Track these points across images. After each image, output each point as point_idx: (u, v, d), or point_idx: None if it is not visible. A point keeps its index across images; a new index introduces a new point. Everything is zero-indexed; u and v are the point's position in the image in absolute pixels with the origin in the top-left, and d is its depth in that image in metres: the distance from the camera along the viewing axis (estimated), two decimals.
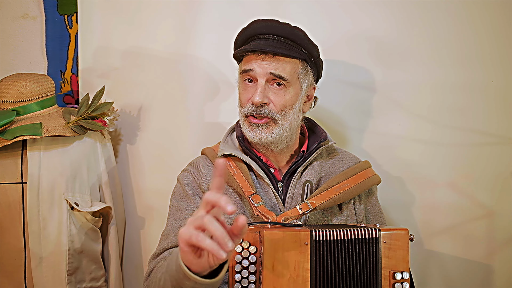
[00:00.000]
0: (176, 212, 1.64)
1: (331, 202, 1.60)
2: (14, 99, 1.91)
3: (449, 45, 1.95)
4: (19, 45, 2.25)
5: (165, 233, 1.63)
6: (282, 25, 1.61)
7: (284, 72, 1.57)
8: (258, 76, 1.57)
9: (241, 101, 1.63)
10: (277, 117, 1.59)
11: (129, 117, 2.18)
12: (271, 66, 1.56)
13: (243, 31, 1.67)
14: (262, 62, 1.57)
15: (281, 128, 1.59)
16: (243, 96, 1.62)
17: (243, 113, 1.62)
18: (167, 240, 1.59)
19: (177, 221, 1.61)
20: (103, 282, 2.04)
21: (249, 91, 1.60)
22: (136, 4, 2.15)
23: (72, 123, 1.94)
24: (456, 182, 1.97)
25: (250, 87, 1.61)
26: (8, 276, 1.88)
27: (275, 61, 1.57)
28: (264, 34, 1.61)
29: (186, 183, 1.66)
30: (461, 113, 1.95)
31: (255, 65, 1.57)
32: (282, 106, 1.59)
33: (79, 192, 1.95)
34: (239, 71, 1.65)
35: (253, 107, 1.58)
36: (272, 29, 1.60)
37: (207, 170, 1.67)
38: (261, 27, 1.62)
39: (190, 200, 1.64)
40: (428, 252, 2.00)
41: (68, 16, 2.22)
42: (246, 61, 1.61)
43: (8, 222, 1.88)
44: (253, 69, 1.57)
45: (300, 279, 1.37)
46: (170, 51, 2.13)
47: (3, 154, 1.90)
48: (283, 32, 1.60)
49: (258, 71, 1.57)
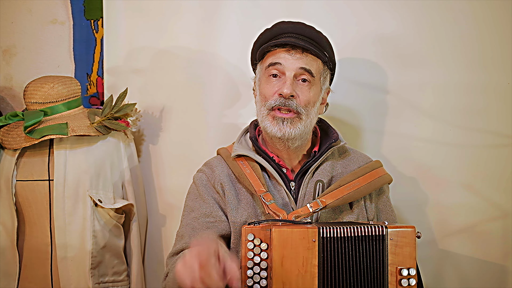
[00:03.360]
0: (190, 212, 1.70)
1: (341, 200, 1.63)
2: (42, 100, 2.00)
3: (466, 47, 1.96)
4: (48, 49, 2.33)
5: (180, 233, 1.69)
6: (308, 27, 1.67)
7: (313, 68, 1.62)
8: (286, 70, 1.61)
9: (266, 95, 1.64)
10: (302, 112, 1.62)
11: (152, 118, 2.25)
12: (301, 61, 1.61)
13: (267, 31, 1.71)
14: (291, 56, 1.61)
15: (303, 124, 1.63)
16: (268, 90, 1.64)
17: (268, 106, 1.63)
18: (182, 241, 1.65)
19: (191, 221, 1.67)
20: (125, 276, 2.11)
21: (275, 85, 1.63)
22: (158, 9, 2.21)
23: (97, 123, 2.02)
24: (471, 183, 1.98)
25: (275, 81, 1.64)
26: (35, 269, 1.97)
27: (304, 57, 1.62)
28: (292, 34, 1.65)
29: (200, 183, 1.72)
30: (476, 114, 1.97)
31: (283, 59, 1.61)
32: (307, 101, 1.62)
33: (102, 190, 2.02)
34: (264, 66, 1.67)
35: (281, 99, 1.61)
36: (299, 30, 1.66)
37: (220, 170, 1.72)
38: (288, 27, 1.67)
39: (203, 201, 1.69)
40: (443, 252, 2.01)
41: (94, 21, 2.30)
42: (273, 55, 1.64)
43: (35, 217, 1.97)
44: (281, 63, 1.61)
45: (308, 275, 1.42)
46: (191, 54, 2.19)
47: (32, 153, 1.99)
48: (309, 34, 1.65)
49: (287, 65, 1.61)
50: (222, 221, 1.66)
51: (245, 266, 1.46)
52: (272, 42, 1.64)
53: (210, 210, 1.67)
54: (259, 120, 1.69)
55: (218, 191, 1.69)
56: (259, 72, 1.71)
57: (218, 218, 1.66)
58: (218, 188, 1.69)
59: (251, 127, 1.78)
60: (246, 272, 1.46)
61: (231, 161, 1.72)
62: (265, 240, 1.46)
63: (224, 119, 2.17)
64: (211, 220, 1.66)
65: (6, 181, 1.96)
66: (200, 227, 1.64)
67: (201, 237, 1.46)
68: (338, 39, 1.96)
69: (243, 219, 1.63)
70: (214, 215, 1.66)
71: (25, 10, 2.32)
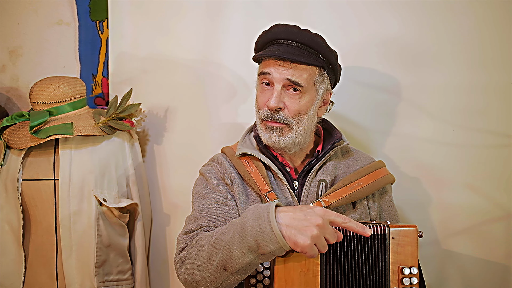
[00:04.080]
0: (201, 199, 1.67)
1: (344, 200, 1.64)
2: (48, 100, 2.02)
3: (468, 47, 1.96)
4: (54, 50, 2.35)
5: (192, 216, 1.64)
6: (302, 31, 1.64)
7: (301, 79, 1.60)
8: (275, 81, 1.61)
9: (258, 104, 1.67)
10: (291, 123, 1.62)
11: (156, 118, 2.27)
12: (288, 72, 1.59)
13: (264, 34, 1.70)
14: (280, 67, 1.60)
15: (294, 134, 1.63)
16: (260, 99, 1.66)
17: (260, 116, 1.65)
18: (198, 221, 1.59)
19: (203, 206, 1.63)
20: (130, 275, 2.12)
21: (266, 95, 1.64)
22: (163, 10, 2.23)
23: (102, 123, 2.04)
24: (474, 183, 1.98)
25: (267, 91, 1.64)
26: (41, 267, 1.99)
27: (293, 68, 1.59)
28: (284, 40, 1.63)
29: (210, 175, 1.71)
30: (479, 114, 1.97)
31: (273, 70, 1.60)
32: (296, 111, 1.62)
33: (107, 189, 2.04)
34: (258, 73, 1.68)
35: (269, 112, 1.61)
36: (292, 34, 1.63)
37: (228, 165, 1.72)
38: (281, 32, 1.64)
39: (215, 189, 1.67)
40: (446, 252, 2.02)
41: (100, 22, 2.32)
42: (265, 64, 1.64)
43: (41, 216, 1.99)
44: (270, 73, 1.60)
45: (311, 273, 1.43)
46: (194, 55, 2.21)
47: (37, 152, 2.01)
48: (302, 38, 1.62)
49: (275, 76, 1.60)
50: (236, 209, 1.64)
51: None
52: (262, 53, 1.63)
53: (224, 198, 1.65)
54: (257, 125, 1.70)
55: (227, 183, 1.68)
56: (257, 77, 1.70)
57: (232, 207, 1.63)
58: (227, 180, 1.68)
59: (255, 126, 1.79)
60: None
61: (236, 160, 1.73)
62: None
63: (228, 119, 2.18)
64: (225, 207, 1.63)
65: (12, 180, 1.98)
66: (215, 212, 1.61)
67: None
68: (341, 40, 1.99)
69: None
70: (228, 204, 1.64)
71: (31, 11, 2.34)
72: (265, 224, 1.32)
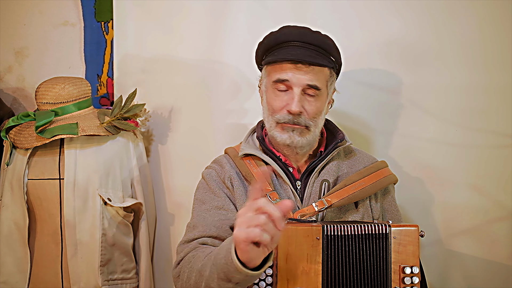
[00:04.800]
0: (201, 205, 1.69)
1: (346, 200, 1.65)
2: (53, 100, 2.04)
3: (471, 48, 1.97)
4: (60, 50, 2.37)
5: (191, 224, 1.67)
6: (314, 33, 1.64)
7: (318, 82, 1.62)
8: (293, 85, 1.60)
9: (273, 108, 1.65)
10: (310, 125, 1.64)
11: (161, 119, 2.28)
12: (307, 77, 1.59)
13: (272, 35, 1.69)
14: (298, 71, 1.59)
15: (312, 135, 1.66)
16: (276, 103, 1.64)
17: (276, 120, 1.64)
18: (195, 230, 1.62)
19: (202, 213, 1.66)
20: (134, 274, 2.14)
21: (282, 99, 1.63)
22: (167, 11, 2.24)
23: (106, 123, 2.05)
24: (477, 183, 1.99)
25: (283, 95, 1.63)
26: (46, 266, 2.01)
27: (311, 71, 1.60)
28: (297, 42, 1.63)
29: (210, 179, 1.73)
30: (482, 115, 1.98)
31: (291, 75, 1.60)
32: (314, 114, 1.64)
33: (112, 188, 2.06)
34: (271, 79, 1.65)
35: (290, 117, 1.62)
36: (305, 37, 1.63)
37: (229, 167, 1.74)
38: (293, 34, 1.64)
39: (214, 194, 1.70)
40: (448, 252, 2.02)
41: (105, 23, 2.34)
42: (280, 69, 1.62)
43: (47, 215, 2.01)
44: (289, 79, 1.60)
45: (312, 272, 1.44)
46: (198, 55, 2.23)
47: (43, 152, 2.03)
48: (315, 40, 1.63)
49: (295, 81, 1.60)
50: (235, 213, 1.65)
51: None
52: (281, 57, 1.61)
53: (222, 203, 1.67)
54: (267, 127, 1.69)
55: (228, 186, 1.70)
56: (265, 79, 1.70)
57: (230, 212, 1.65)
58: (227, 183, 1.70)
59: (258, 127, 1.80)
60: None
61: (239, 160, 1.74)
62: None
63: (231, 119, 2.20)
64: (223, 212, 1.65)
65: (18, 179, 2.00)
66: (212, 219, 1.63)
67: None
68: (344, 41, 1.98)
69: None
70: (226, 208, 1.66)
71: (37, 12, 2.36)
72: (228, 255, 1.30)
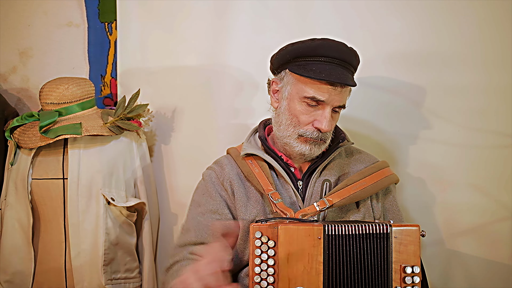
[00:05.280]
0: (196, 207, 1.73)
1: (348, 199, 1.66)
2: (57, 101, 2.05)
3: (473, 49, 1.98)
4: (64, 51, 2.38)
5: (185, 227, 1.72)
6: (349, 50, 1.65)
7: (345, 101, 1.67)
8: (326, 105, 1.63)
9: (299, 121, 1.65)
10: (328, 137, 1.70)
11: (164, 119, 2.29)
12: (339, 97, 1.63)
13: (309, 43, 1.65)
14: (334, 92, 1.61)
15: (327, 143, 1.71)
16: (304, 118, 1.64)
17: (300, 133, 1.65)
18: (188, 234, 1.69)
19: (197, 216, 1.70)
20: (137, 273, 2.15)
21: (311, 114, 1.64)
22: (170, 12, 2.26)
23: (110, 123, 2.06)
24: (479, 184, 1.99)
25: (311, 110, 1.63)
26: (50, 265, 2.02)
27: (343, 92, 1.64)
28: (334, 58, 1.62)
29: (209, 180, 1.75)
30: (484, 115, 1.98)
31: (327, 96, 1.61)
32: (333, 127, 1.71)
33: (115, 188, 2.07)
34: (304, 94, 1.62)
35: (317, 133, 1.64)
36: (343, 54, 1.62)
37: (230, 168, 1.75)
38: (333, 49, 1.62)
39: (210, 197, 1.72)
40: (450, 252, 2.03)
41: (108, 24, 2.35)
42: (317, 87, 1.61)
43: (50, 215, 2.03)
44: (325, 101, 1.61)
45: (314, 271, 1.45)
46: (201, 56, 2.24)
47: (47, 152, 2.04)
48: (350, 58, 1.64)
49: (329, 100, 1.62)
50: (228, 219, 1.69)
51: (253, 263, 1.49)
52: (320, 75, 1.58)
53: (217, 207, 1.70)
54: (282, 133, 1.68)
55: (226, 188, 1.72)
56: (291, 85, 1.66)
57: (224, 216, 1.69)
58: (226, 186, 1.72)
59: (260, 127, 1.81)
60: (253, 269, 1.49)
61: (241, 160, 1.76)
62: (272, 238, 1.48)
63: (234, 119, 2.21)
64: (217, 217, 1.69)
65: (22, 179, 2.01)
66: (206, 223, 1.67)
67: (209, 250, 1.51)
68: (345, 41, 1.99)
69: (252, 217, 1.67)
70: (220, 212, 1.69)
71: (41, 13, 2.38)
72: None
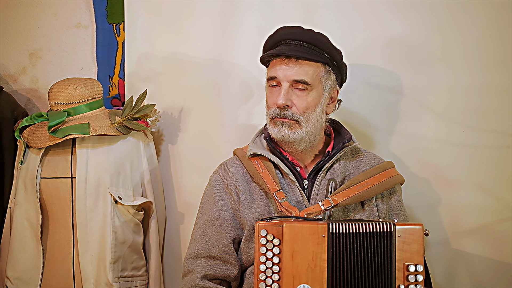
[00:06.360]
0: (203, 215, 1.79)
1: (353, 199, 1.67)
2: (66, 101, 2.08)
3: (477, 48, 1.99)
4: (72, 52, 2.40)
5: (193, 236, 1.78)
6: (305, 31, 1.71)
7: (307, 76, 1.67)
8: (281, 81, 1.67)
9: (268, 104, 1.74)
10: (300, 119, 1.68)
11: (171, 119, 2.31)
12: (294, 71, 1.66)
13: (270, 37, 1.77)
14: (285, 67, 1.67)
15: (304, 130, 1.69)
16: (270, 100, 1.73)
17: (269, 115, 1.72)
18: (194, 244, 1.76)
19: (203, 225, 1.77)
20: (144, 272, 2.16)
21: (275, 95, 1.70)
22: (177, 13, 2.27)
23: (117, 123, 2.09)
24: (483, 184, 2.00)
25: (275, 91, 1.70)
26: (58, 263, 2.04)
27: (298, 65, 1.66)
28: (289, 40, 1.70)
29: (214, 185, 1.79)
30: (489, 115, 1.99)
31: (279, 72, 1.68)
32: (304, 108, 1.68)
33: (122, 187, 2.09)
34: (266, 78, 1.75)
35: (277, 110, 1.68)
36: (296, 35, 1.70)
37: (235, 171, 1.78)
38: (286, 33, 1.72)
39: (214, 203, 1.76)
40: (455, 252, 2.04)
41: (116, 25, 2.37)
42: (271, 66, 1.72)
43: (59, 213, 2.05)
44: (277, 76, 1.68)
45: (318, 269, 1.46)
46: (208, 56, 2.25)
47: (55, 151, 2.07)
48: (306, 37, 1.69)
49: (282, 76, 1.67)
50: (230, 223, 1.73)
51: (258, 260, 1.51)
52: (268, 53, 1.72)
53: (219, 213, 1.75)
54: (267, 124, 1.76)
55: (231, 192, 1.75)
56: (265, 82, 1.78)
57: (226, 221, 1.73)
58: (231, 189, 1.75)
59: (266, 127, 1.83)
60: (259, 267, 1.51)
61: (246, 160, 1.78)
62: (277, 236, 1.50)
63: (240, 119, 2.22)
64: (219, 223, 1.74)
65: (31, 178, 2.04)
66: (210, 231, 1.74)
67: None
68: (353, 42, 2.01)
69: (257, 216, 1.69)
70: (222, 218, 1.74)
71: (50, 15, 2.40)
72: None
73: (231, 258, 1.71)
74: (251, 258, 1.70)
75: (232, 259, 1.71)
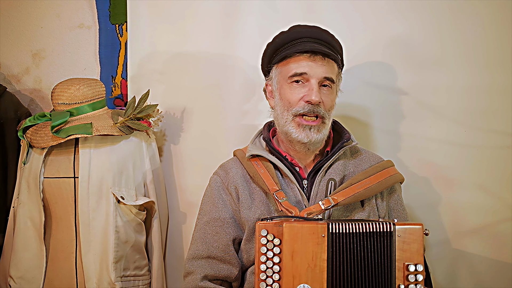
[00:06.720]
0: (203, 216, 1.80)
1: (352, 198, 1.68)
2: (69, 101, 2.09)
3: (477, 48, 2.00)
4: (75, 52, 2.42)
5: (194, 236, 1.80)
6: (323, 31, 1.72)
7: (333, 74, 1.69)
8: (311, 77, 1.66)
9: (290, 102, 1.68)
10: (326, 117, 1.69)
11: (173, 119, 2.32)
12: (324, 69, 1.66)
13: (283, 34, 1.75)
14: (314, 64, 1.66)
15: (327, 128, 1.71)
16: (293, 97, 1.68)
17: (294, 113, 1.68)
18: (194, 245, 1.77)
19: (203, 226, 1.78)
20: (146, 271, 2.17)
21: (299, 91, 1.67)
22: (180, 13, 2.29)
23: (120, 123, 2.10)
24: (484, 183, 2.00)
25: (300, 87, 1.68)
26: (61, 262, 2.05)
27: (326, 64, 1.67)
28: (309, 38, 1.69)
29: (214, 186, 1.81)
30: (490, 115, 1.99)
31: (308, 68, 1.65)
32: (329, 106, 1.70)
33: (125, 187, 2.10)
34: (286, 73, 1.69)
35: (310, 106, 1.66)
36: (316, 34, 1.71)
37: (235, 172, 1.79)
38: (305, 31, 1.71)
39: (214, 204, 1.77)
40: (456, 252, 2.04)
41: (119, 26, 2.38)
42: (295, 62, 1.68)
43: (62, 213, 2.06)
44: (307, 72, 1.66)
45: (318, 269, 1.47)
46: (210, 57, 2.26)
47: (58, 151, 2.08)
48: (326, 38, 1.71)
49: (312, 73, 1.66)
50: (230, 224, 1.74)
51: (258, 260, 1.51)
52: (296, 49, 1.67)
53: (219, 214, 1.76)
54: (281, 124, 1.72)
55: (231, 192, 1.76)
56: (278, 76, 1.74)
57: (226, 222, 1.75)
58: (231, 190, 1.76)
59: (265, 128, 1.84)
60: (259, 266, 1.51)
61: (246, 161, 1.79)
62: (277, 236, 1.51)
63: (242, 120, 2.23)
64: (219, 224, 1.75)
65: (34, 178, 2.05)
66: (211, 232, 1.75)
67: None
68: (356, 42, 2.02)
69: (257, 217, 1.70)
70: (222, 219, 1.75)
71: (53, 15, 2.42)
72: None
73: (231, 258, 1.72)
74: (251, 258, 1.71)
75: (233, 260, 1.72)
